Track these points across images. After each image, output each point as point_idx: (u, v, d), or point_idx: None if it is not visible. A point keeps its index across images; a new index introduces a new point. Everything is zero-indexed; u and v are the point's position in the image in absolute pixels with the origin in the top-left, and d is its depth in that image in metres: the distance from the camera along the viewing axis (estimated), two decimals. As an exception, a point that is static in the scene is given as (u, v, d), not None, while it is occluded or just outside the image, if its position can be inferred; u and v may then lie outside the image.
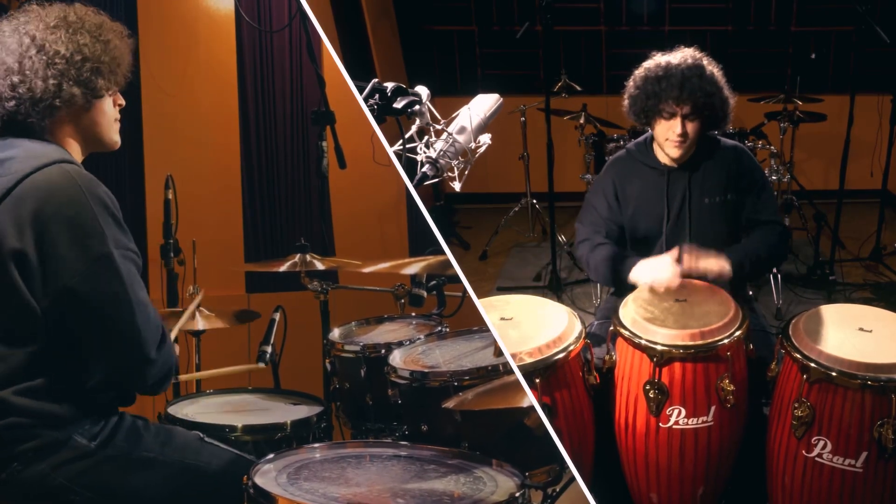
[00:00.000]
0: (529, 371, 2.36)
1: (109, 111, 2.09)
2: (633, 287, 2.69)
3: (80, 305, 1.89)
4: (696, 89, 2.67)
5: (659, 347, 2.41)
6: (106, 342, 1.93)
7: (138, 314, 1.92)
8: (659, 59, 2.77)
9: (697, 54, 2.77)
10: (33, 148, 1.97)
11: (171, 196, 3.55)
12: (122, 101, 2.13)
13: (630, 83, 2.82)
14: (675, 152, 2.78)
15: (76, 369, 1.96)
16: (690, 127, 2.72)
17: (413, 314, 3.26)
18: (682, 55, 2.76)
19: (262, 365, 2.98)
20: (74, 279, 1.88)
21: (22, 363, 1.92)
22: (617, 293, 2.92)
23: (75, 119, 2.04)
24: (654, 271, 2.62)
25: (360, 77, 1.98)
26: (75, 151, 2.06)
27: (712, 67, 2.76)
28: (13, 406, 1.91)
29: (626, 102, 2.84)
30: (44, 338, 1.92)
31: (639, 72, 2.80)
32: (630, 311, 2.54)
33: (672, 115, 2.71)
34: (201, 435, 2.18)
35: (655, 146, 2.87)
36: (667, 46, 2.84)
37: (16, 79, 1.97)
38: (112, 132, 2.11)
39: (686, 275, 2.63)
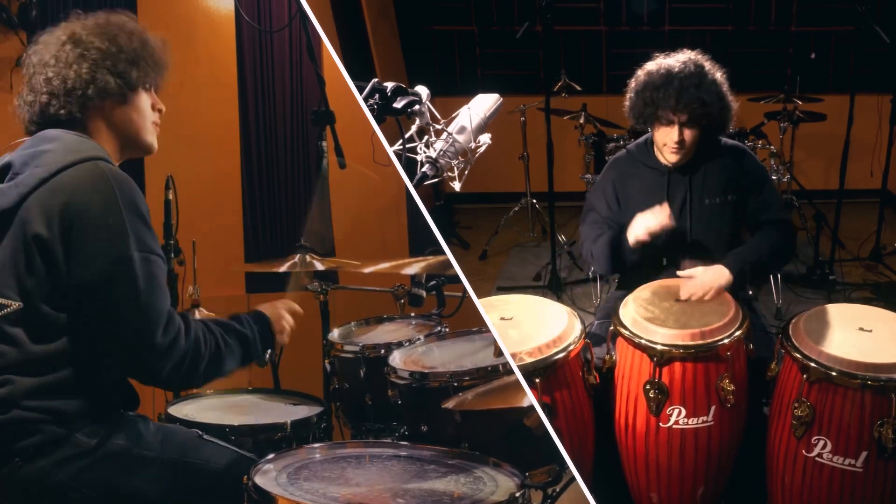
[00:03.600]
0: (529, 371, 2.36)
1: (146, 110, 2.09)
2: (636, 275, 2.69)
3: (96, 302, 1.90)
4: (694, 99, 2.65)
5: (659, 347, 2.42)
6: (115, 342, 1.94)
7: (150, 320, 1.91)
8: (660, 62, 2.74)
9: (700, 59, 2.74)
10: (72, 142, 1.98)
11: (171, 196, 3.55)
12: (163, 107, 2.13)
13: (631, 84, 2.80)
14: (673, 158, 2.77)
15: (88, 366, 1.97)
16: (688, 134, 2.71)
17: (413, 314, 3.25)
18: (683, 60, 2.72)
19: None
20: (94, 276, 1.88)
21: (38, 356, 1.92)
22: (622, 282, 2.91)
23: (109, 115, 2.04)
24: (647, 221, 2.62)
25: (360, 77, 1.98)
26: (111, 153, 2.05)
27: (715, 73, 2.72)
28: (18, 401, 1.91)
29: (626, 104, 2.83)
30: (62, 332, 1.93)
31: (639, 74, 2.78)
32: (630, 311, 2.54)
33: (670, 123, 2.70)
34: (200, 433, 2.18)
35: (656, 147, 2.86)
36: (667, 46, 2.82)
37: (50, 72, 1.99)
38: (147, 133, 2.11)
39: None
